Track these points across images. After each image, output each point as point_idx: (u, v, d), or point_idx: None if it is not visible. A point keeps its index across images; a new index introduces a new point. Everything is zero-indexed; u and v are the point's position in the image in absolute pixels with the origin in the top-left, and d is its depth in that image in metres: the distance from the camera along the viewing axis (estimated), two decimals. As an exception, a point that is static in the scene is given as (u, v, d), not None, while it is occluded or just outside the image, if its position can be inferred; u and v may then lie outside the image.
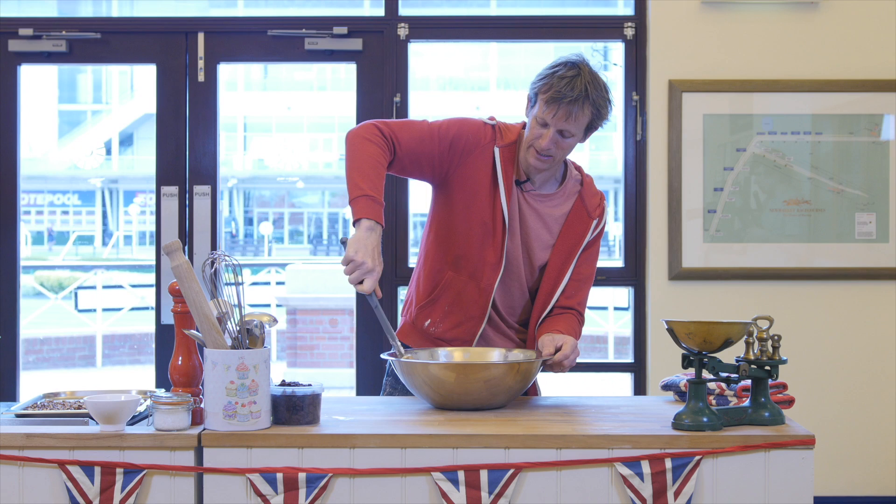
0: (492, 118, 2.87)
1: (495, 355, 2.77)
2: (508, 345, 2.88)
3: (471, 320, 2.83)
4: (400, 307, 4.49)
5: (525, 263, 2.85)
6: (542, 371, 2.75)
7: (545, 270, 2.85)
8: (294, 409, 2.36)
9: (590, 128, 2.75)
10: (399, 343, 2.71)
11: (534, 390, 2.95)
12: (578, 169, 2.93)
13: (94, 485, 2.26)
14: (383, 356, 2.69)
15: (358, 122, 4.54)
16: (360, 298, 4.55)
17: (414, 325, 2.88)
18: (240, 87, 23.38)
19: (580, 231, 2.86)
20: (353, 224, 2.59)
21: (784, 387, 2.58)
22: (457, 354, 2.79)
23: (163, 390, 2.47)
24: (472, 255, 2.80)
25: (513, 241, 2.82)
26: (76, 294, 12.28)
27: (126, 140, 24.98)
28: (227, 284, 2.36)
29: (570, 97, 2.66)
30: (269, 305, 10.64)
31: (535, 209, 2.83)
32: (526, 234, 2.83)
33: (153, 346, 4.66)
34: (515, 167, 2.82)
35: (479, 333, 2.84)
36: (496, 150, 2.79)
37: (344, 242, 2.58)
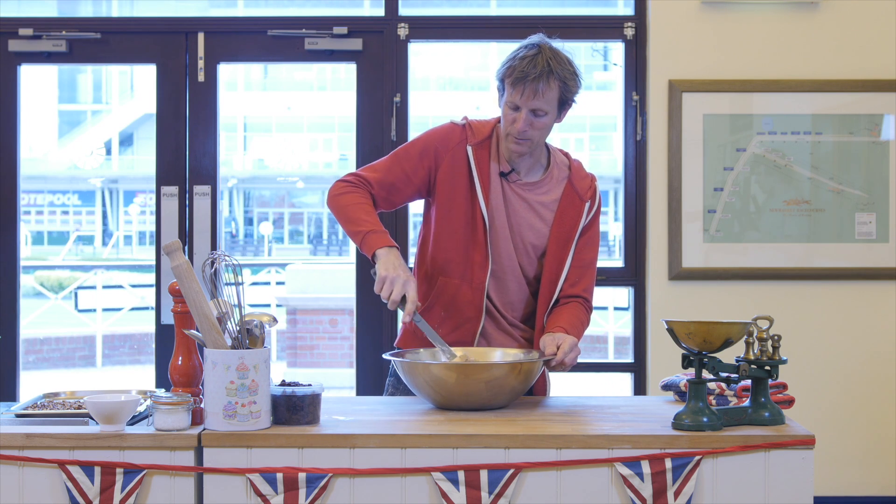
0: (464, 118, 2.90)
1: (497, 355, 2.77)
2: (511, 343, 2.88)
3: (468, 322, 2.83)
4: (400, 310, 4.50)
5: (522, 255, 2.85)
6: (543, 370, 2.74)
7: (545, 257, 2.86)
8: (294, 409, 2.36)
9: (562, 103, 2.77)
10: (449, 348, 2.74)
11: (543, 389, 2.94)
12: (565, 154, 2.94)
13: (94, 485, 2.26)
14: (386, 356, 2.70)
15: (358, 121, 4.55)
16: (360, 299, 4.55)
17: (415, 333, 2.89)
18: (240, 87, 23.38)
19: (574, 216, 2.86)
20: (373, 261, 2.70)
21: (784, 387, 2.58)
22: (459, 354, 2.79)
23: (163, 390, 2.47)
24: (460, 258, 2.81)
25: (499, 235, 2.82)
26: (76, 294, 12.28)
27: (126, 140, 24.98)
28: (227, 284, 2.36)
29: (534, 74, 2.70)
30: (269, 305, 10.64)
31: (523, 198, 2.85)
32: (517, 224, 2.84)
33: (153, 346, 4.66)
34: (497, 161, 2.83)
35: (478, 333, 2.84)
36: (469, 149, 2.81)
37: (373, 272, 2.68)
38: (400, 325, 3.01)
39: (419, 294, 2.87)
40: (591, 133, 23.59)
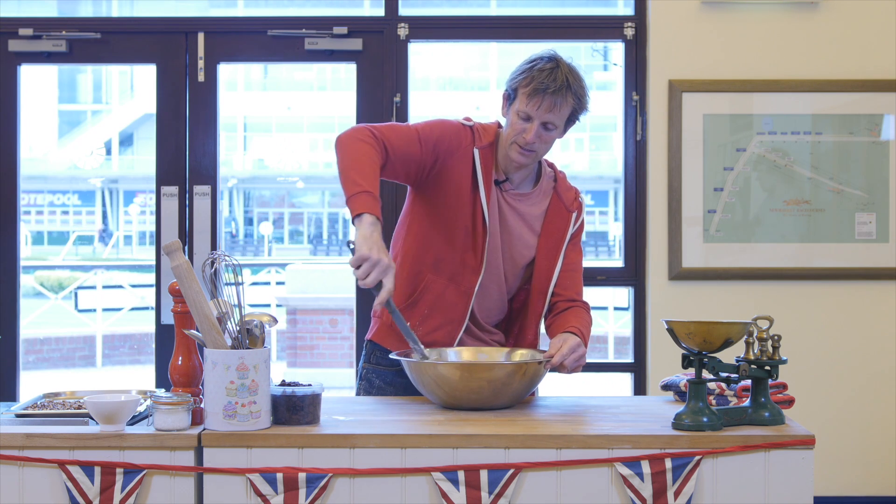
0: (468, 119, 2.88)
1: (502, 356, 2.77)
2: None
3: (451, 323, 2.82)
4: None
5: (508, 263, 2.85)
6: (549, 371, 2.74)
7: (535, 269, 2.86)
8: (294, 409, 2.36)
9: (570, 119, 2.77)
10: (422, 346, 2.70)
11: None
12: (551, 166, 2.95)
13: (94, 485, 2.26)
14: (392, 356, 2.69)
15: (358, 121, 4.54)
16: (361, 299, 4.55)
17: (392, 327, 2.85)
18: (240, 87, 23.40)
19: (561, 226, 2.87)
20: (354, 221, 2.56)
21: (784, 387, 2.58)
22: (465, 354, 2.79)
23: (163, 390, 2.47)
24: (453, 258, 2.79)
25: (492, 242, 2.81)
26: (76, 294, 12.29)
27: (126, 140, 25.00)
28: (227, 284, 2.36)
29: (553, 88, 2.68)
30: (269, 305, 10.64)
31: (514, 208, 2.84)
32: (508, 234, 2.84)
33: (153, 346, 4.66)
34: (495, 167, 2.82)
35: (459, 336, 2.83)
36: (476, 152, 2.80)
37: (351, 244, 2.54)
38: (372, 319, 2.96)
39: (399, 288, 2.82)
40: (591, 133, 23.61)
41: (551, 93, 2.68)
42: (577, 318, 2.82)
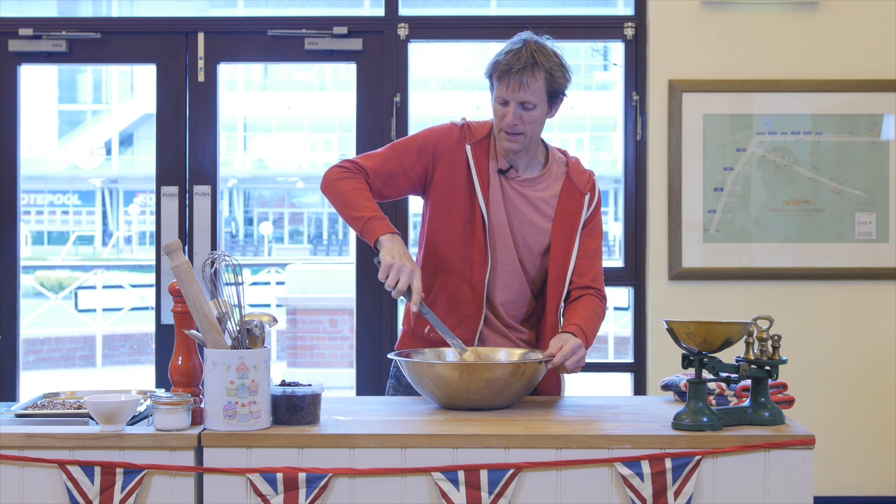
0: (462, 119, 2.92)
1: (501, 355, 2.77)
2: (506, 345, 2.88)
3: (468, 319, 2.83)
4: (401, 308, 4.50)
5: (522, 251, 2.85)
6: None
7: (551, 253, 2.85)
8: (294, 409, 2.36)
9: (552, 96, 2.78)
10: (459, 341, 2.74)
11: (557, 389, 2.94)
12: (563, 152, 2.95)
13: (94, 485, 2.26)
14: (391, 356, 2.69)
15: (358, 121, 4.56)
16: (361, 299, 4.55)
17: (414, 333, 2.89)
18: (240, 87, 23.38)
19: (574, 209, 2.87)
20: (375, 248, 2.69)
21: (784, 387, 2.59)
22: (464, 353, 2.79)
23: (163, 390, 2.47)
24: (460, 255, 2.82)
25: (499, 233, 2.83)
26: (76, 294, 12.28)
27: (126, 140, 24.98)
28: (227, 284, 2.37)
29: (519, 66, 2.72)
30: (269, 305, 10.64)
31: (523, 195, 2.85)
32: (518, 221, 2.84)
33: (153, 346, 4.66)
34: (496, 159, 2.84)
35: (478, 332, 2.84)
36: (468, 148, 2.83)
37: (377, 261, 2.67)
38: (400, 327, 3.01)
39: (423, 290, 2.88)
40: (591, 133, 23.60)
41: (517, 71, 2.72)
42: (584, 312, 2.81)
